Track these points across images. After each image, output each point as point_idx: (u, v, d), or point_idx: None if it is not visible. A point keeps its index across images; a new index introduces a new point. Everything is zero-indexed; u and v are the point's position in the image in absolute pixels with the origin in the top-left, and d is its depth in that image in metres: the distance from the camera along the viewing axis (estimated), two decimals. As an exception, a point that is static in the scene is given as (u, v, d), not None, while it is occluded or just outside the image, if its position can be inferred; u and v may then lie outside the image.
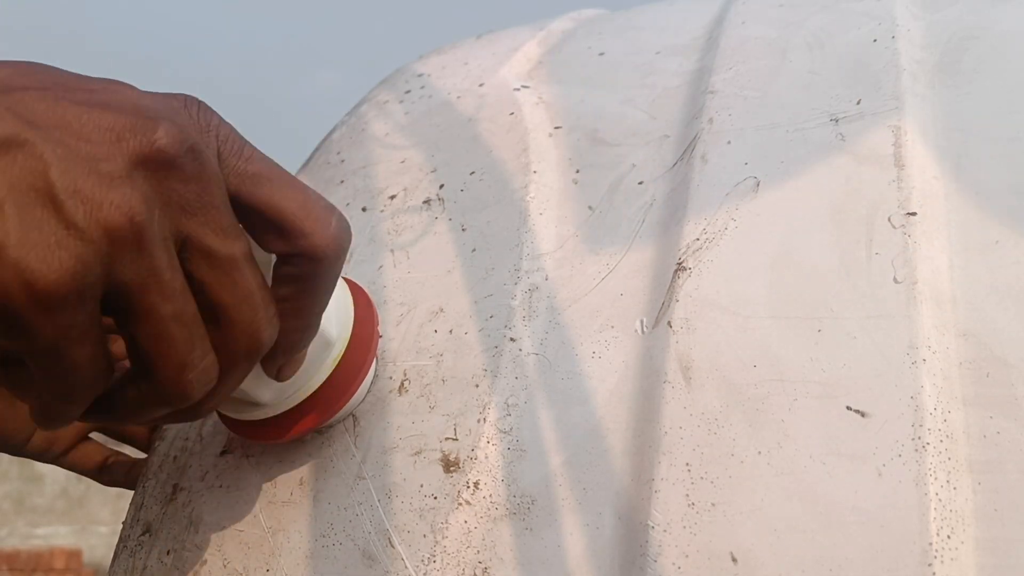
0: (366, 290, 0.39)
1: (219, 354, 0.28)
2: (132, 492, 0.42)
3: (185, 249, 0.27)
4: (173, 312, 0.26)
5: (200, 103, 0.28)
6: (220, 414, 0.37)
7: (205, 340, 0.27)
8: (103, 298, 0.25)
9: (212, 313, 0.28)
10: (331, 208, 0.30)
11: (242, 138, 0.29)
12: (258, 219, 0.29)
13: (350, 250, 0.45)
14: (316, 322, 0.31)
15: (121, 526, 0.41)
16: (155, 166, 0.26)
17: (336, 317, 0.35)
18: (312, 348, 0.34)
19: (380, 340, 0.39)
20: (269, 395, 0.34)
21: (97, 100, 0.26)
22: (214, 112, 0.29)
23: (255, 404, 0.35)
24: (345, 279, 0.38)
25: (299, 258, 0.29)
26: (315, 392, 0.35)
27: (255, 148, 0.29)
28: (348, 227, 0.30)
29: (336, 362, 0.36)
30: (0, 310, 0.23)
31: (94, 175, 0.24)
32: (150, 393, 0.28)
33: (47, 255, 0.23)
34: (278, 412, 0.35)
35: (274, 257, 0.30)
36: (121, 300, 0.26)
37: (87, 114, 0.25)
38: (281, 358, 0.31)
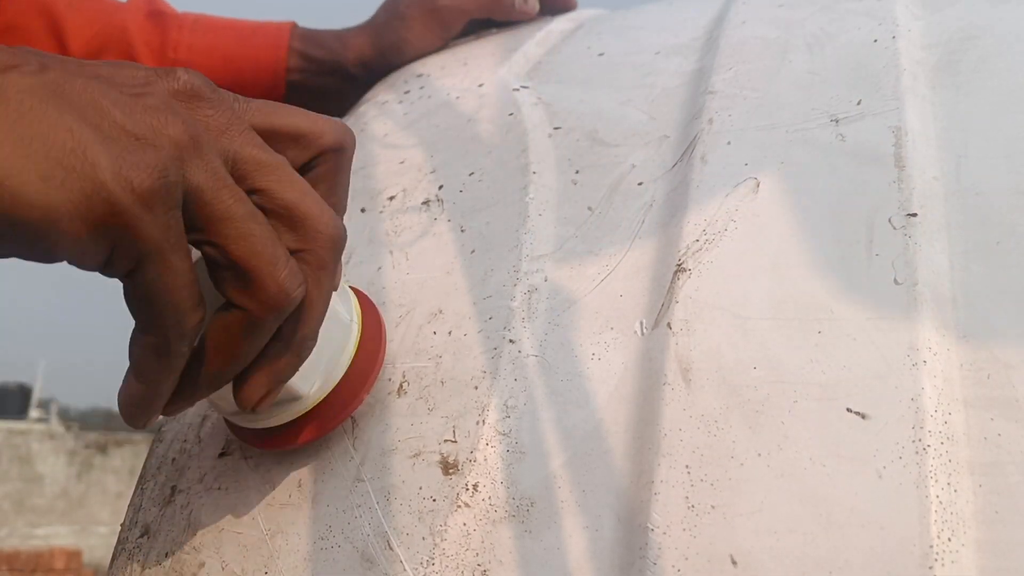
0: (369, 296, 0.39)
1: (307, 256, 0.30)
2: (132, 492, 0.42)
3: (236, 165, 0.29)
4: (248, 212, 0.29)
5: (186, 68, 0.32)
6: (227, 422, 0.37)
7: (280, 241, 0.30)
8: (185, 210, 0.28)
9: (283, 216, 0.30)
10: (328, 118, 0.34)
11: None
12: (278, 138, 0.32)
13: (349, 251, 0.45)
14: (344, 206, 0.35)
15: (120, 527, 0.41)
16: (186, 98, 0.29)
17: (340, 327, 0.36)
18: (325, 351, 0.34)
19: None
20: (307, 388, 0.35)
21: (112, 66, 0.29)
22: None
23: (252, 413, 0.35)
24: (353, 288, 0.38)
25: (323, 156, 0.33)
26: (322, 400, 0.36)
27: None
28: (347, 126, 0.34)
29: (345, 368, 0.36)
30: (112, 217, 0.26)
31: (143, 108, 0.28)
32: (251, 303, 0.29)
33: (136, 161, 0.26)
34: (283, 422, 0.36)
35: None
36: (201, 207, 0.28)
37: (114, 71, 0.29)
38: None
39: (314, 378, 0.35)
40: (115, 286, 0.29)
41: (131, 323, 0.30)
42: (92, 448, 6.93)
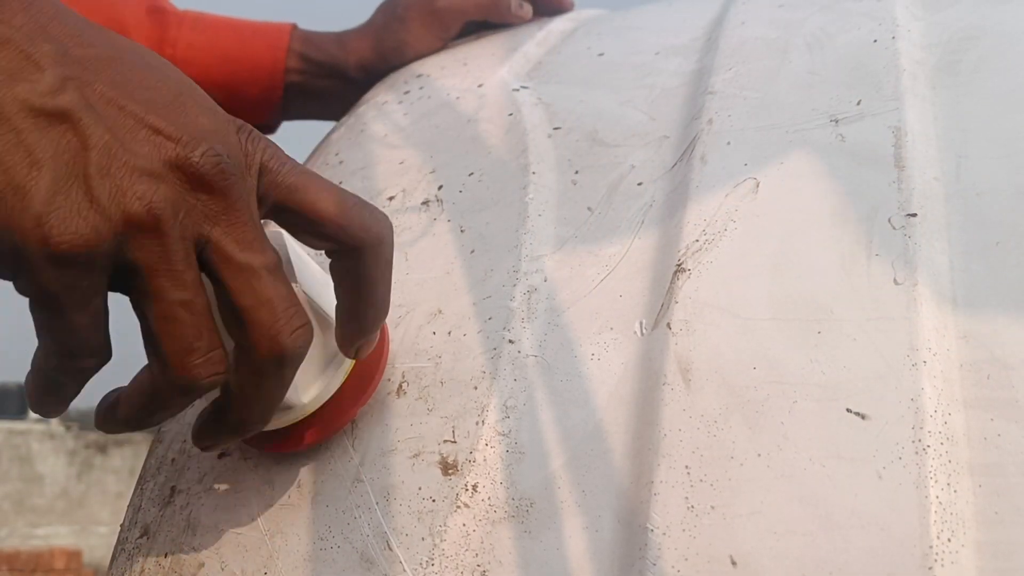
0: None
1: (245, 358, 0.30)
2: (132, 493, 0.42)
3: (206, 252, 0.29)
4: (181, 299, 0.29)
5: (251, 130, 0.31)
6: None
7: (214, 334, 0.30)
8: (117, 274, 0.28)
9: (234, 316, 0.30)
10: (366, 203, 0.33)
11: (286, 155, 0.32)
12: (301, 221, 0.32)
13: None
14: (384, 305, 0.34)
15: (120, 528, 0.40)
16: (185, 177, 0.29)
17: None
18: (320, 359, 0.35)
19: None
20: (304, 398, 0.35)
21: (160, 101, 0.29)
22: (262, 137, 0.32)
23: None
24: None
25: (344, 253, 0.32)
26: (325, 404, 0.36)
27: (297, 162, 0.32)
28: (385, 217, 0.33)
29: (346, 375, 0.36)
30: (15, 253, 0.26)
31: (127, 167, 0.27)
32: (160, 376, 0.30)
33: (67, 218, 0.26)
34: (282, 426, 0.36)
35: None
36: (134, 279, 0.28)
37: (143, 112, 0.28)
38: (359, 339, 0.34)
39: (310, 387, 0.35)
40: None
41: (131, 324, 0.31)
42: (92, 448, 6.93)
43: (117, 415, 0.32)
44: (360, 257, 0.32)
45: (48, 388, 0.31)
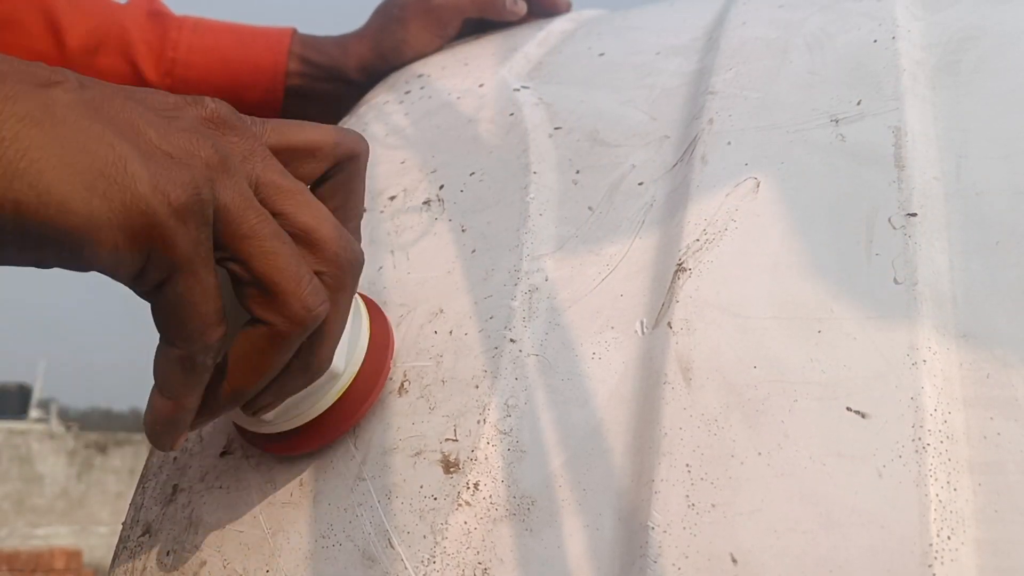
0: (371, 296, 0.39)
1: (325, 278, 0.31)
2: (132, 492, 0.42)
3: (259, 189, 0.30)
4: (273, 231, 0.30)
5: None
6: (238, 427, 0.38)
7: (303, 260, 0.31)
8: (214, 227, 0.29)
9: (302, 239, 0.31)
10: (339, 128, 0.35)
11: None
12: (295, 154, 0.33)
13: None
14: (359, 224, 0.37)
15: (121, 527, 0.41)
16: (214, 125, 0.31)
17: (348, 340, 0.36)
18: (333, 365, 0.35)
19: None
20: (271, 413, 0.35)
21: (143, 91, 0.31)
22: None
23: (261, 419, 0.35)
24: (361, 295, 0.39)
25: (338, 165, 0.34)
26: (331, 407, 0.36)
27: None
28: (360, 136, 0.36)
29: (352, 377, 0.36)
30: (149, 228, 0.27)
31: (174, 127, 0.29)
32: (276, 318, 0.30)
33: (171, 177, 0.27)
34: (284, 429, 0.36)
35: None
36: (228, 224, 0.29)
37: (145, 95, 0.30)
38: (359, 239, 0.36)
39: (318, 392, 0.35)
40: (116, 288, 0.30)
41: (131, 324, 0.31)
42: (92, 448, 6.92)
43: (220, 395, 0.31)
44: (356, 164, 0.35)
45: (187, 380, 0.30)
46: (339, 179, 0.35)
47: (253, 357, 0.31)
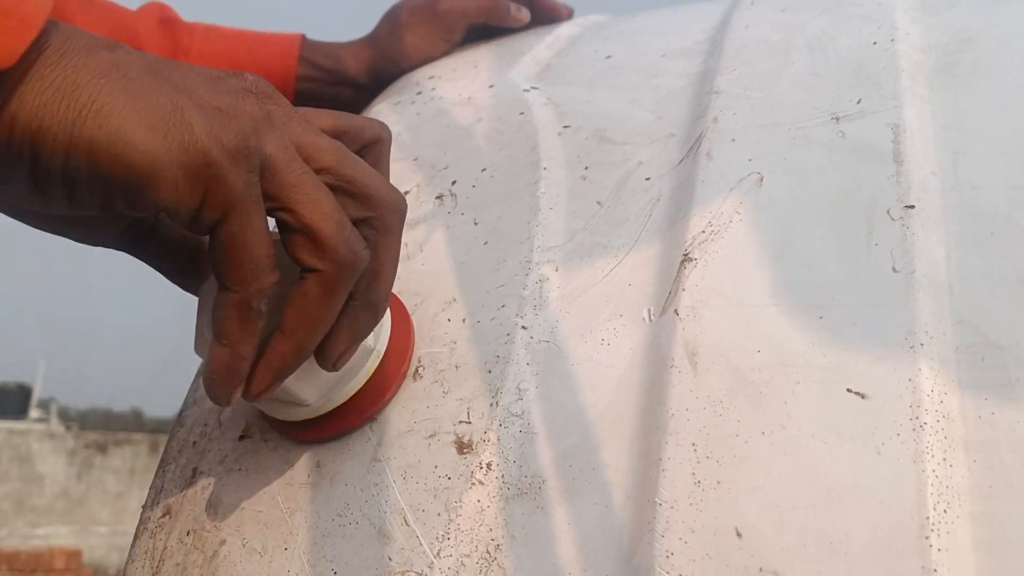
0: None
1: (374, 222, 0.33)
2: (132, 493, 0.43)
3: (300, 150, 0.32)
4: (315, 182, 0.32)
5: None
6: (267, 416, 0.39)
7: (344, 210, 0.32)
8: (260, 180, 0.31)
9: (347, 190, 0.33)
10: (363, 116, 0.37)
11: None
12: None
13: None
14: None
15: (142, 508, 0.42)
16: (253, 94, 0.32)
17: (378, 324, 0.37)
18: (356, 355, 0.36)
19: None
20: (313, 395, 0.36)
21: (189, 64, 0.33)
22: None
23: (300, 404, 0.37)
24: None
25: (365, 149, 0.36)
26: (356, 394, 0.37)
27: None
28: (383, 122, 0.38)
29: (375, 366, 0.38)
30: (206, 167, 0.29)
31: (222, 87, 0.32)
32: (323, 263, 0.31)
33: (222, 126, 0.30)
34: (320, 413, 0.37)
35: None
36: (274, 174, 0.31)
37: (191, 66, 0.32)
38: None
39: (315, 388, 0.36)
40: (115, 287, 0.31)
41: (131, 324, 0.32)
42: (92, 448, 6.92)
43: (284, 353, 0.33)
44: (381, 147, 0.37)
45: (244, 326, 0.32)
46: (367, 161, 0.36)
47: (308, 307, 0.32)
